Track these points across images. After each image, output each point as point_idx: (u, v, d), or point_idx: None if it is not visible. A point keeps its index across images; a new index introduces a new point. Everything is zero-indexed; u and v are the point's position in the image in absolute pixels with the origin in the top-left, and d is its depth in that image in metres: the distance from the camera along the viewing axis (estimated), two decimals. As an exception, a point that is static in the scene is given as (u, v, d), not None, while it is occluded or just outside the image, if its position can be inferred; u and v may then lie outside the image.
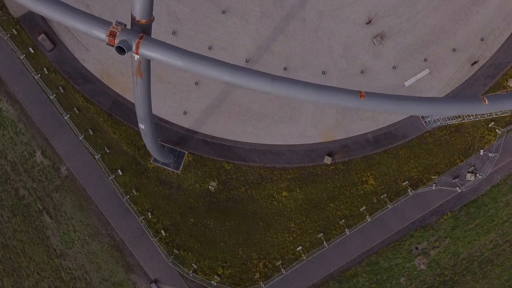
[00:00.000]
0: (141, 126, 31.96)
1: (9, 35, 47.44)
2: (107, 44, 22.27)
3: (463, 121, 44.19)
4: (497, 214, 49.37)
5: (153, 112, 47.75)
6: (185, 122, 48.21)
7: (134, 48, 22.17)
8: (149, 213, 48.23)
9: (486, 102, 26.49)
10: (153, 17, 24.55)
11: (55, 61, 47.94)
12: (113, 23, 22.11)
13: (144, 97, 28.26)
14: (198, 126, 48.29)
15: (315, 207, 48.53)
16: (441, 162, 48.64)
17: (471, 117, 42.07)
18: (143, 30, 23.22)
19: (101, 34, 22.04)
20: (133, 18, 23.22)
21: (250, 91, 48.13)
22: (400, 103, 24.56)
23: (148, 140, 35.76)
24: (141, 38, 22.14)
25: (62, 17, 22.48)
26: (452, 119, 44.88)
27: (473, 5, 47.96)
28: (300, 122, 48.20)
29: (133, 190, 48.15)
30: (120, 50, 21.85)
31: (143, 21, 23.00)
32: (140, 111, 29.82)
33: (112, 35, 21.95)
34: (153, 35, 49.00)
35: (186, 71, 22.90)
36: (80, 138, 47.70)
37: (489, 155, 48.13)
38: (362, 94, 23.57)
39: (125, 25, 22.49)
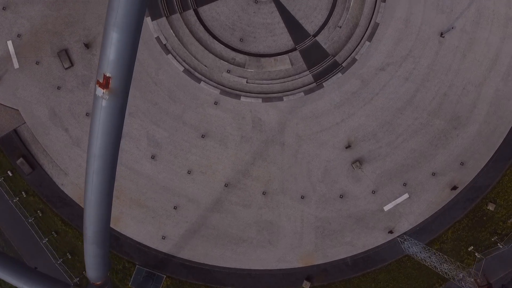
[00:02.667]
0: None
1: (-13, 158, 47.44)
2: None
3: (435, 269, 44.22)
4: (476, 334, 49.31)
5: (131, 236, 48.35)
6: (164, 247, 48.11)
7: (88, 314, 22.20)
8: (127, 337, 48.28)
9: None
10: (110, 265, 24.60)
11: (34, 184, 47.85)
12: (68, 291, 22.15)
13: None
14: (176, 251, 48.21)
15: (293, 331, 48.56)
16: (420, 286, 48.59)
17: (445, 271, 42.06)
18: (98, 288, 23.18)
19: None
20: (89, 277, 23.20)
21: (229, 216, 48.12)
22: None
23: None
24: (95, 305, 22.13)
25: (18, 283, 22.40)
26: (427, 259, 44.97)
27: (453, 129, 47.86)
28: (278, 247, 48.13)
29: (111, 314, 48.08)
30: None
31: (98, 283, 22.98)
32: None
33: (66, 304, 22.00)
34: (132, 160, 48.74)
35: None
36: (58, 262, 47.63)
37: (468, 279, 48.02)
38: None
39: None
